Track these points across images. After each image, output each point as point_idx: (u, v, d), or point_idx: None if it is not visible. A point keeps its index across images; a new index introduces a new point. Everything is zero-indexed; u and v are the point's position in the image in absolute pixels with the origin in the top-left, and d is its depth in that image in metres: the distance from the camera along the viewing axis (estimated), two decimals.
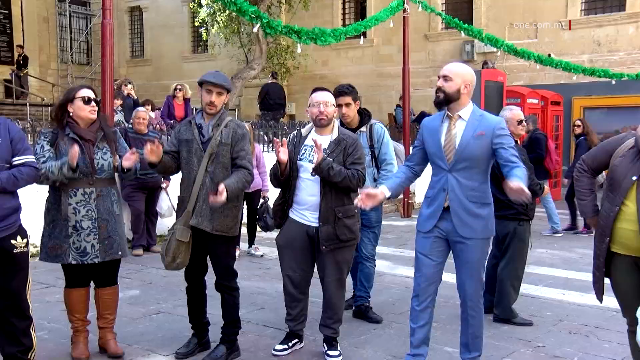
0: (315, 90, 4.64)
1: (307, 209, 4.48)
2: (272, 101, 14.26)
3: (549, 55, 16.05)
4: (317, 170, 4.31)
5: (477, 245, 3.96)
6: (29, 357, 4.02)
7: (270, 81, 14.78)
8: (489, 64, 16.94)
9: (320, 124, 4.51)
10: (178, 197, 4.55)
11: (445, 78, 3.94)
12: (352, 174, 4.35)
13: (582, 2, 17.60)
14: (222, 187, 4.12)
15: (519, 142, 5.68)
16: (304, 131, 4.65)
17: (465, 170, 3.90)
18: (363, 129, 5.33)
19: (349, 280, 5.81)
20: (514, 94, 13.51)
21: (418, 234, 4.14)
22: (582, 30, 17.39)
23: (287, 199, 4.57)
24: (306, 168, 4.44)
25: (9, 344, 3.97)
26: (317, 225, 4.43)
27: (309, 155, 4.44)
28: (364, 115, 5.39)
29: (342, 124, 5.36)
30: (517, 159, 3.84)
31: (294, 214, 4.57)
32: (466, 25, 14.63)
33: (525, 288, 5.94)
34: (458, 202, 3.91)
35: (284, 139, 4.54)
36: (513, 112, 5.63)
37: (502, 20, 18.32)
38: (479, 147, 3.87)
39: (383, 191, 4.05)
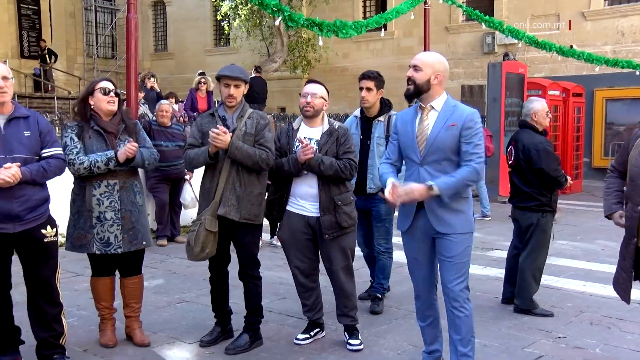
0: (307, 82, 4.66)
1: (305, 200, 4.50)
2: (256, 94, 14.27)
3: (571, 46, 15.84)
4: (306, 168, 4.34)
5: (459, 241, 3.72)
6: (60, 342, 4.09)
7: (254, 75, 14.78)
8: (510, 55, 16.80)
9: (305, 114, 4.53)
10: (202, 187, 4.56)
11: (415, 68, 3.73)
12: (345, 165, 4.37)
13: None
14: (229, 133, 4.21)
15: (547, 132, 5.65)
16: (294, 124, 4.66)
17: (437, 163, 3.70)
18: (381, 118, 5.28)
19: (366, 269, 5.86)
20: (535, 86, 13.34)
21: (402, 235, 3.98)
22: (605, 20, 17.10)
23: (284, 192, 4.58)
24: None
25: (41, 329, 4.04)
26: (317, 215, 4.45)
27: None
28: (384, 105, 5.33)
29: (361, 110, 5.36)
30: (476, 156, 3.64)
31: (292, 207, 4.57)
32: (487, 17, 14.49)
33: (546, 279, 5.90)
34: (432, 198, 3.68)
35: (304, 138, 4.50)
36: (542, 103, 5.58)
37: (524, 12, 18.10)
38: (450, 138, 3.67)
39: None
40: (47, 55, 21.23)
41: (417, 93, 3.76)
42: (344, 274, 4.56)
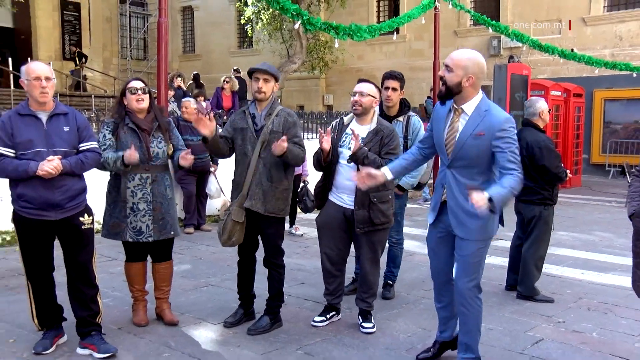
0: (359, 81, 4.57)
1: (344, 192, 4.46)
2: (237, 93, 14.20)
3: (572, 50, 15.71)
4: (352, 158, 4.29)
5: (473, 245, 3.52)
6: (96, 320, 4.12)
7: (234, 75, 14.72)
8: (515, 58, 16.72)
9: (355, 112, 4.48)
10: (233, 180, 4.56)
11: (447, 68, 3.41)
12: (386, 164, 4.31)
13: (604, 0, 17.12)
14: (284, 138, 4.14)
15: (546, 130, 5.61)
16: (346, 119, 4.62)
17: (463, 168, 3.46)
18: (400, 118, 5.21)
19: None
20: (538, 87, 13.25)
21: (429, 227, 3.87)
22: (604, 25, 16.94)
23: (327, 182, 4.57)
24: (345, 155, 4.42)
25: (80, 308, 4.08)
26: (353, 207, 4.41)
27: (349, 142, 4.41)
28: (404, 106, 5.26)
29: (380, 108, 5.26)
30: (514, 164, 3.31)
31: (332, 197, 4.55)
32: (493, 21, 14.37)
33: (546, 268, 5.85)
34: (454, 200, 3.51)
35: (327, 128, 4.51)
36: (545, 102, 5.54)
37: (528, 17, 17.95)
38: (475, 148, 3.38)
39: (385, 173, 3.73)
40: (76, 58, 21.26)
41: (448, 94, 3.44)
42: (370, 264, 4.54)
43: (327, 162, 4.48)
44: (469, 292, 3.58)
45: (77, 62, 21.25)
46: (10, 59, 17.39)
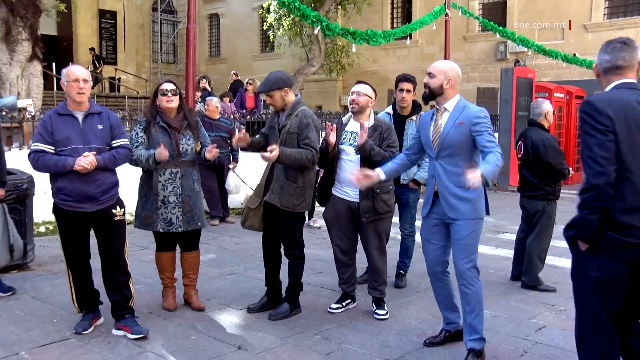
0: (357, 82, 4.61)
1: (348, 185, 4.43)
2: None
3: (574, 54, 15.56)
4: (361, 150, 4.28)
5: (466, 225, 3.65)
6: (129, 304, 4.16)
7: (234, 79, 14.69)
8: (520, 62, 16.56)
9: (352, 109, 4.49)
10: (262, 176, 4.60)
11: (430, 75, 3.74)
12: (389, 156, 4.32)
13: (605, 7, 16.98)
14: (274, 146, 4.13)
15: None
16: (344, 119, 4.62)
17: (449, 157, 3.66)
18: (413, 117, 5.19)
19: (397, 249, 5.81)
20: (542, 89, 13.10)
21: (422, 220, 3.94)
22: (604, 32, 16.71)
23: (330, 179, 4.55)
24: (347, 151, 4.44)
25: (114, 293, 4.13)
26: (357, 200, 4.40)
27: (349, 140, 4.45)
28: (416, 106, 5.25)
29: (394, 108, 5.27)
30: (493, 144, 3.54)
31: (336, 192, 4.54)
32: (500, 27, 14.30)
33: (549, 259, 5.78)
34: (444, 187, 3.67)
35: (333, 124, 4.49)
36: (550, 104, 5.51)
37: (532, 23, 17.77)
38: (458, 135, 3.61)
39: (379, 174, 3.88)
40: (95, 62, 21.22)
41: (431, 96, 3.76)
42: (378, 253, 4.52)
43: (332, 157, 4.47)
44: (468, 272, 3.67)
45: (97, 65, 21.20)
46: (54, 64, 17.59)
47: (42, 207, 6.13)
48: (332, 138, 4.42)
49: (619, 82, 2.80)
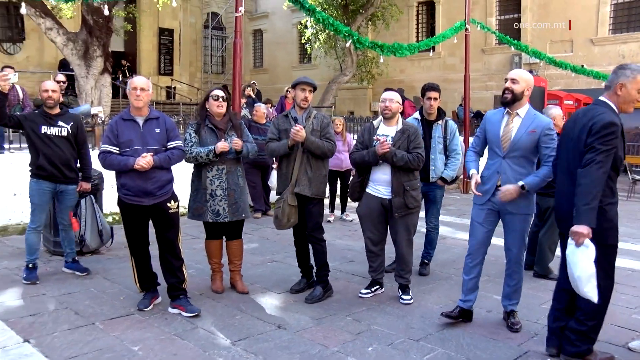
0: (385, 90, 4.57)
1: (381, 185, 4.40)
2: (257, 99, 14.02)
3: (582, 66, 15.36)
4: (381, 158, 4.28)
5: (522, 218, 3.79)
6: (182, 287, 4.21)
7: (252, 87, 14.60)
8: (534, 72, 16.31)
9: (385, 115, 4.43)
10: (279, 173, 4.57)
11: (514, 81, 3.72)
12: (413, 157, 4.27)
13: (609, 23, 16.66)
14: (300, 126, 4.25)
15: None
16: (375, 123, 4.57)
17: (516, 158, 3.72)
18: (440, 122, 5.13)
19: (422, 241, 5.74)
20: (553, 97, 12.91)
21: (474, 206, 3.97)
22: (609, 45, 16.51)
23: (365, 178, 4.51)
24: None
25: (169, 277, 4.18)
26: (389, 197, 4.36)
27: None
28: (441, 112, 5.19)
29: (421, 114, 5.19)
30: (551, 157, 3.63)
31: (370, 190, 4.49)
32: (515, 41, 14.06)
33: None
34: (509, 183, 3.71)
35: (384, 139, 4.31)
36: (559, 110, 5.45)
37: (544, 38, 17.50)
38: (529, 141, 3.68)
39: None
40: (126, 71, 20.81)
41: (513, 100, 3.72)
42: (406, 245, 4.47)
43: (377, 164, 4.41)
44: (520, 256, 3.85)
45: (126, 75, 20.47)
46: (121, 76, 18.05)
47: (110, 200, 6.26)
48: (381, 149, 4.27)
49: None
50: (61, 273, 5.12)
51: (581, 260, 3.01)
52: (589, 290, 3.03)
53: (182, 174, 5.02)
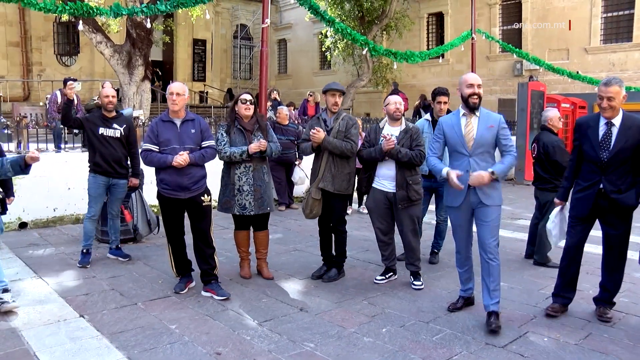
0: (391, 93, 4.53)
1: (385, 179, 4.38)
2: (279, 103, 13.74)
3: (577, 72, 15.38)
4: (387, 155, 4.27)
5: (495, 210, 3.62)
6: (214, 272, 4.23)
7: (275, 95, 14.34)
8: (534, 77, 16.36)
9: (396, 117, 4.41)
10: (312, 169, 4.59)
11: (479, 86, 3.64)
12: (417, 154, 4.25)
13: (600, 35, 16.58)
14: (323, 132, 4.28)
15: (558, 133, 5.34)
16: (381, 123, 4.55)
17: (482, 154, 3.61)
18: None
19: (429, 232, 5.69)
20: (551, 100, 12.74)
21: (450, 210, 3.80)
22: (601, 54, 16.41)
23: (372, 174, 4.48)
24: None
25: (202, 263, 4.21)
26: (394, 191, 4.34)
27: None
28: (449, 113, 5.14)
29: (433, 115, 5.12)
30: (512, 146, 3.63)
31: (376, 184, 4.46)
32: (517, 49, 13.97)
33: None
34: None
35: (388, 136, 4.31)
36: (555, 112, 5.35)
37: (543, 46, 17.43)
38: (490, 137, 3.60)
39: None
40: (155, 77, 20.25)
41: (479, 103, 3.67)
42: (412, 234, 4.44)
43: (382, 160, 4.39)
44: (494, 248, 3.63)
45: (155, 81, 20.03)
46: (160, 83, 18.36)
47: (150, 194, 6.33)
48: (387, 145, 4.26)
49: None
50: (107, 259, 5.22)
51: None
52: None
53: (214, 171, 5.05)
